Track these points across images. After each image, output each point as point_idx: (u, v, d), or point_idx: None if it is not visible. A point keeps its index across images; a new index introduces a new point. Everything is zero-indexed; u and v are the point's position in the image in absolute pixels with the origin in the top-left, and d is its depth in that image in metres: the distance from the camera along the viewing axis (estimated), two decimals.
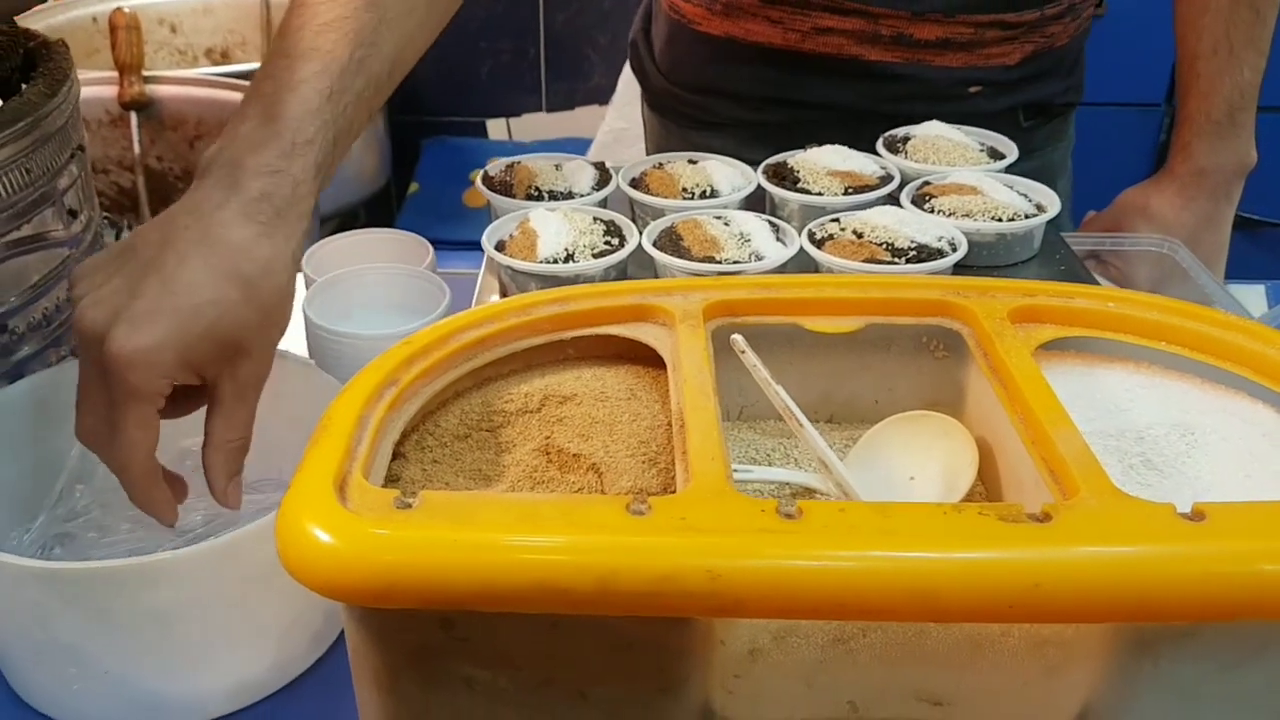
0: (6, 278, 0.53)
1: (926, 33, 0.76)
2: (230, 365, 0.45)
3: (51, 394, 0.52)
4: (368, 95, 0.51)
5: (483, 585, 0.33)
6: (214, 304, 0.44)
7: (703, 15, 0.80)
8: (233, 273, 0.44)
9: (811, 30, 0.77)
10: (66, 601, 0.43)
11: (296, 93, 0.48)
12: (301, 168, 0.47)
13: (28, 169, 0.53)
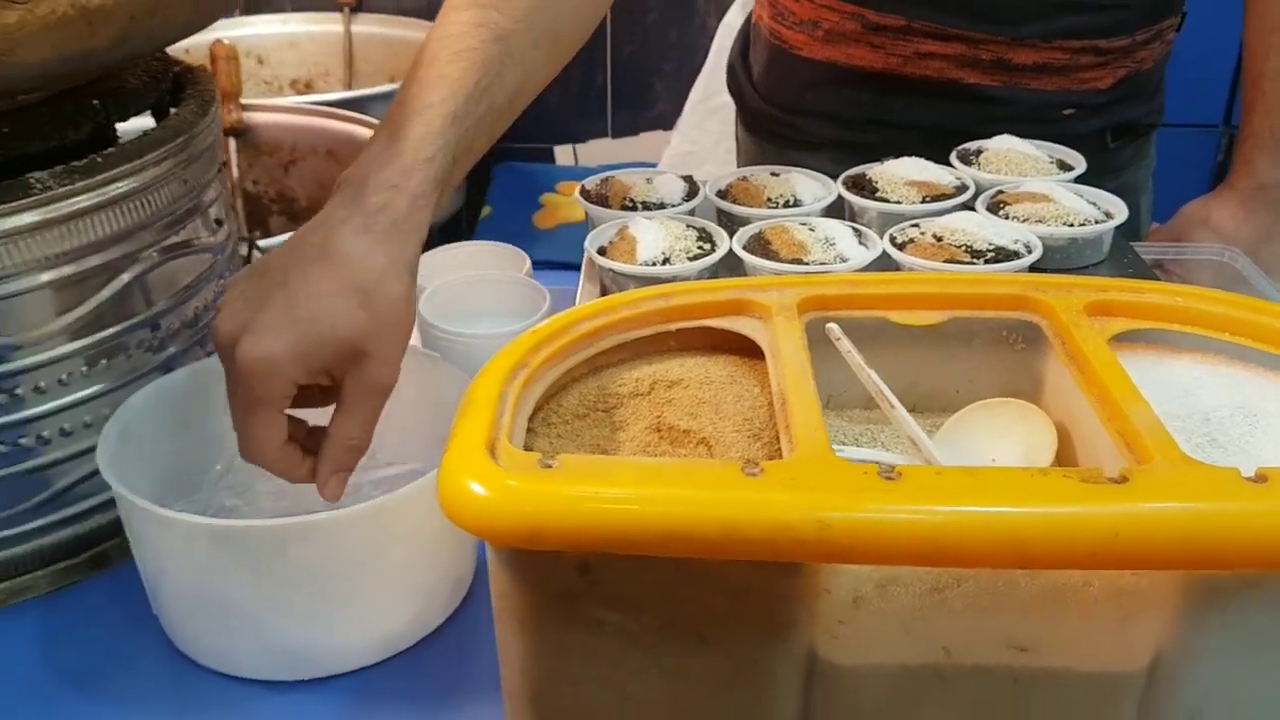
0: (160, 281, 0.59)
1: (1024, 57, 0.80)
2: (355, 368, 0.49)
3: (210, 381, 0.58)
4: (489, 121, 0.55)
5: (617, 533, 0.38)
6: (330, 313, 0.47)
7: (804, 41, 0.85)
8: (349, 282, 0.48)
9: (913, 55, 0.81)
10: (229, 558, 0.48)
11: (422, 116, 0.52)
12: (419, 183, 0.51)
13: (184, 180, 0.59)
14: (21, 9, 0.43)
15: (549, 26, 0.58)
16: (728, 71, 0.98)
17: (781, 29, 0.88)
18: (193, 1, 0.51)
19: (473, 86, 0.54)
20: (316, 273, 0.48)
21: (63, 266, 0.53)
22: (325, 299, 0.47)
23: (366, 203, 0.50)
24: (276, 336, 0.46)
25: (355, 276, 0.48)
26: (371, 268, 0.49)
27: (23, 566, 0.57)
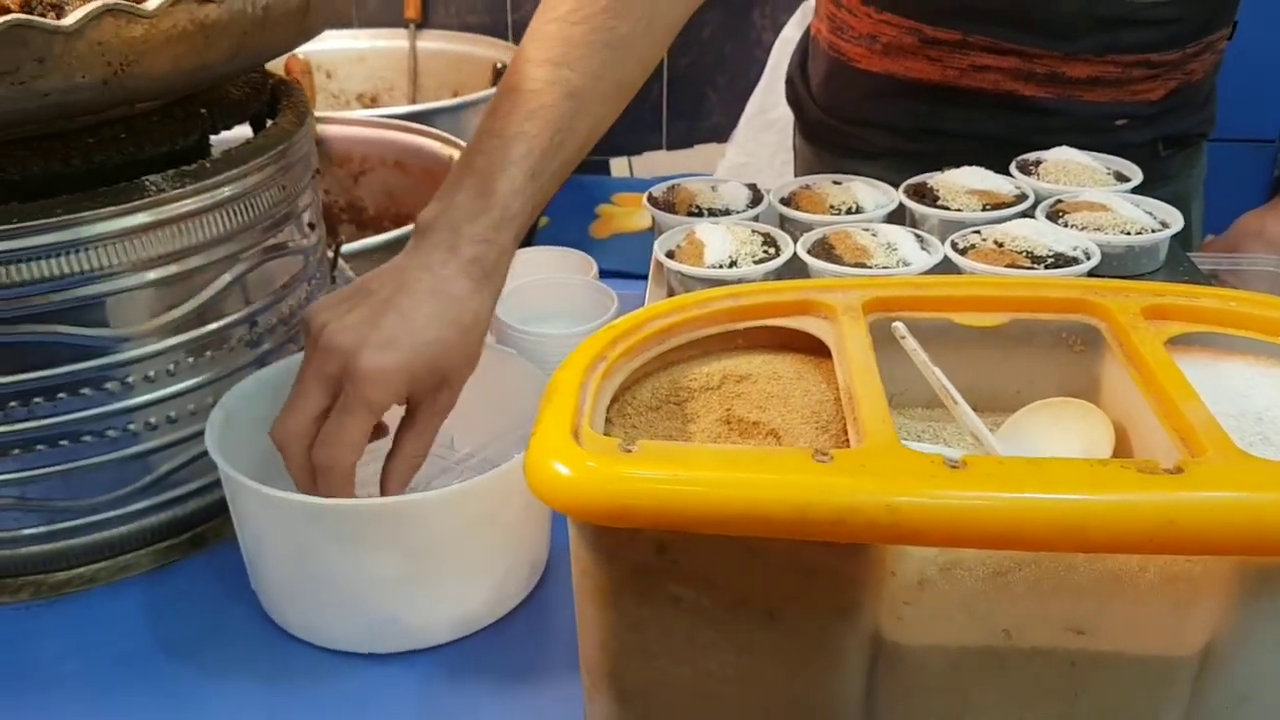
0: (258, 281, 0.62)
1: (1078, 71, 0.82)
2: (434, 393, 0.55)
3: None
4: (561, 172, 0.60)
5: (694, 513, 0.40)
6: (439, 342, 0.53)
7: (863, 54, 0.88)
8: (453, 320, 0.54)
9: (969, 68, 0.83)
10: (328, 535, 0.51)
11: (506, 173, 0.57)
12: (507, 238, 0.57)
13: (281, 186, 0.63)
14: (147, 23, 0.47)
15: (616, 80, 0.62)
16: (786, 83, 1.01)
17: (840, 42, 0.91)
18: (298, 19, 0.55)
19: (548, 143, 0.58)
20: (426, 306, 0.54)
21: (170, 265, 0.57)
22: (436, 330, 0.54)
23: (463, 252, 0.56)
24: (398, 352, 0.52)
25: (459, 316, 0.55)
26: (468, 309, 0.55)
27: (127, 545, 0.61)
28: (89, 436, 0.57)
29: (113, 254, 0.54)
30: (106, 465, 0.58)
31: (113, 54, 0.47)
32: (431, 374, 0.54)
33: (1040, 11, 0.79)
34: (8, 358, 0.54)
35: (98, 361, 0.56)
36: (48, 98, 0.47)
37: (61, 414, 0.56)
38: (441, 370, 0.54)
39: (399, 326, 0.53)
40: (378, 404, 0.52)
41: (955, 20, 0.82)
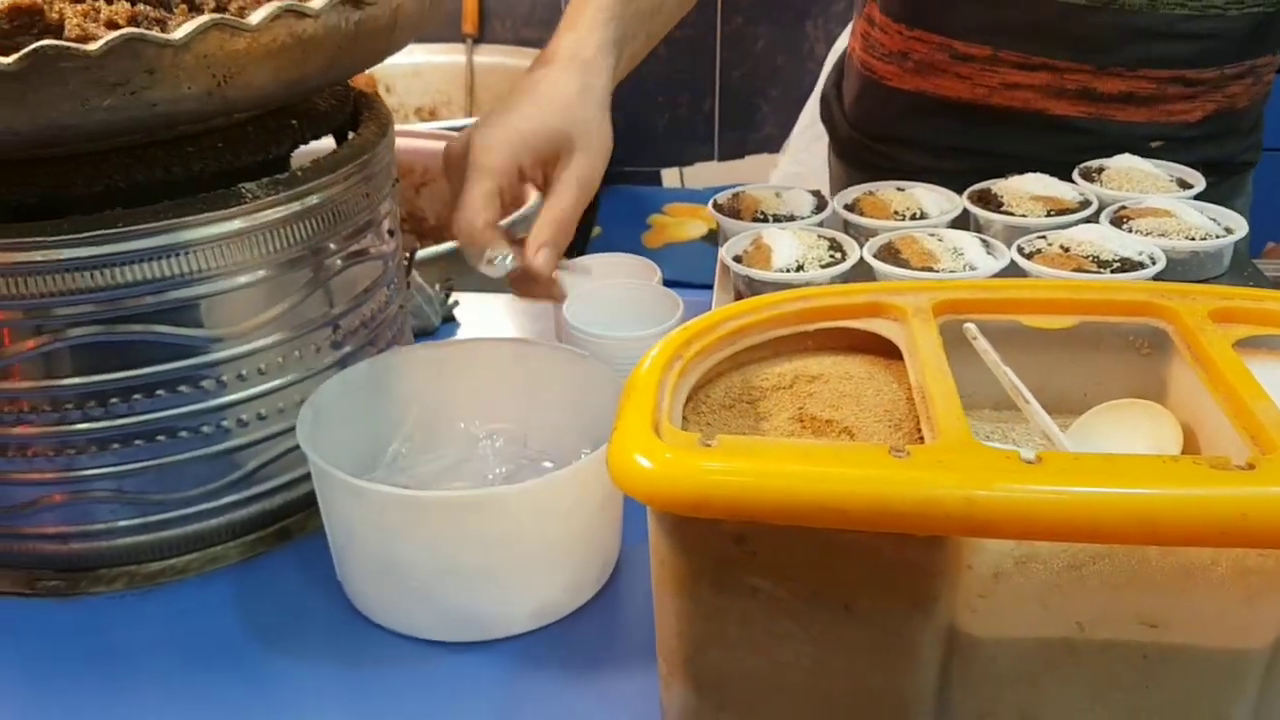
0: (342, 285, 0.65)
1: (1110, 86, 0.82)
2: (564, 158, 0.62)
3: (384, 374, 0.64)
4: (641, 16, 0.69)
5: (773, 505, 0.42)
6: (534, 116, 0.62)
7: (894, 73, 0.89)
8: (548, 98, 0.63)
9: (999, 85, 0.84)
10: (414, 526, 0.53)
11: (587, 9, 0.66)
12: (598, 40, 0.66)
13: (365, 194, 0.65)
14: (249, 37, 0.50)
15: None
16: (821, 102, 1.02)
17: (872, 60, 0.92)
18: (386, 35, 0.58)
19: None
20: (527, 96, 0.63)
21: (261, 269, 0.59)
22: (538, 105, 0.63)
23: (559, 58, 0.65)
24: (502, 125, 0.62)
25: (558, 93, 0.63)
26: (571, 87, 0.64)
27: (216, 538, 0.64)
28: (184, 432, 0.60)
29: (209, 258, 0.57)
30: (199, 460, 0.61)
31: (217, 66, 0.50)
32: (546, 137, 0.62)
33: (1072, 24, 0.80)
34: (110, 356, 0.57)
35: (194, 360, 0.59)
36: (156, 108, 0.50)
37: (159, 410, 0.59)
38: (548, 137, 0.62)
39: (502, 111, 0.62)
40: (488, 167, 0.60)
41: (986, 35, 0.83)
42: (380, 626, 0.58)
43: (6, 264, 0.54)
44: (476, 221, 0.60)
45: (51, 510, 0.60)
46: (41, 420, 0.58)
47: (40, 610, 0.61)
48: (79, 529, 0.61)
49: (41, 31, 0.49)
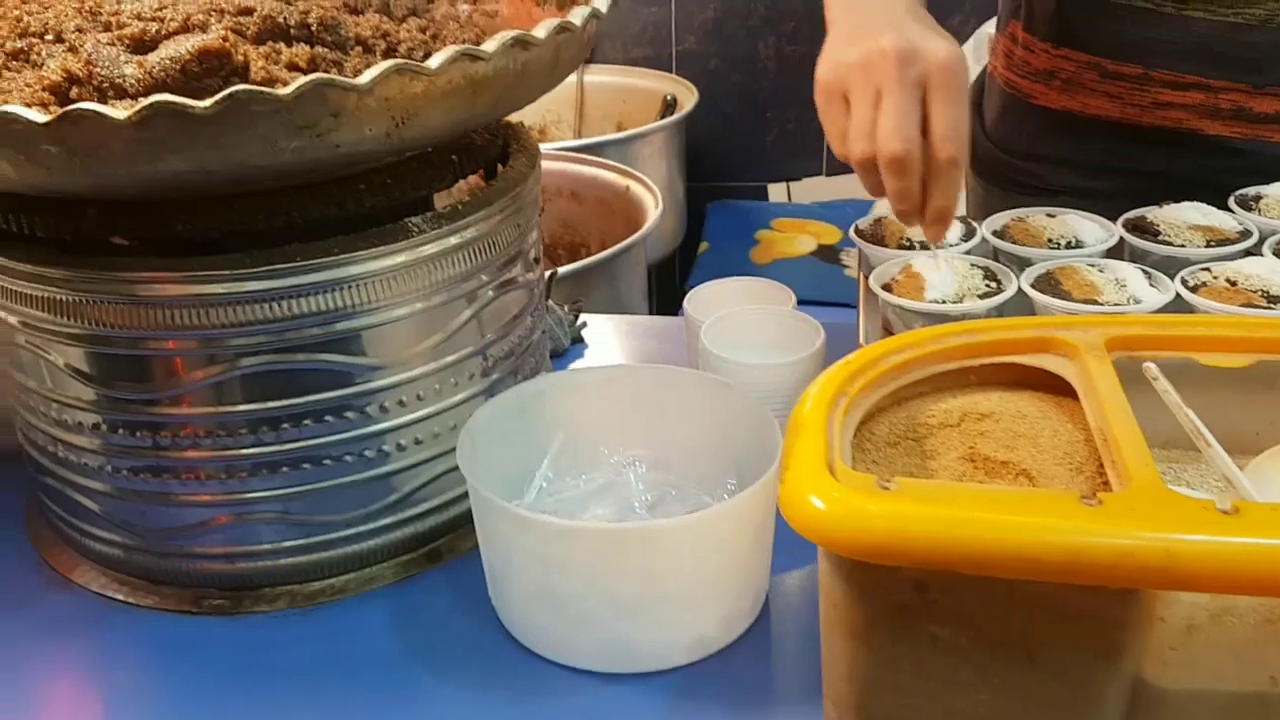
0: (493, 314, 0.66)
1: (1266, 106, 0.79)
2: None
3: (532, 400, 0.65)
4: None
5: (958, 553, 0.41)
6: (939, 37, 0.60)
7: (1040, 90, 0.87)
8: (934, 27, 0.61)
9: (1151, 105, 0.82)
10: (574, 555, 0.54)
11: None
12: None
13: (516, 225, 0.66)
14: (427, 80, 0.51)
15: None
16: None
17: (1016, 79, 0.90)
18: (549, 72, 0.59)
19: None
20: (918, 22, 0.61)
21: (421, 300, 0.61)
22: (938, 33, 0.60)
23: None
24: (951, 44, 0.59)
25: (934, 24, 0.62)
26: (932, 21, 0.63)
27: (373, 558, 0.65)
28: (349, 456, 0.62)
29: (375, 290, 0.59)
30: (360, 483, 0.63)
31: (396, 109, 0.51)
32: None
33: (1226, 43, 0.77)
34: (281, 384, 0.59)
35: (356, 388, 0.61)
36: (339, 149, 0.51)
37: (323, 436, 0.61)
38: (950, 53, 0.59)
39: (925, 33, 0.59)
40: (968, 89, 0.58)
41: (1136, 54, 0.80)
42: (534, 653, 0.59)
43: (186, 296, 0.56)
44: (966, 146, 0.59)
45: (219, 531, 0.63)
46: (211, 445, 0.60)
47: (205, 628, 0.63)
48: (244, 549, 0.63)
49: (229, 74, 0.51)
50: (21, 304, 0.59)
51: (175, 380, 0.59)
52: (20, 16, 0.55)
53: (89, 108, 0.45)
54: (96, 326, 0.57)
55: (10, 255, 0.57)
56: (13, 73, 0.54)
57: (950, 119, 0.58)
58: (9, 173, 0.48)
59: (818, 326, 0.74)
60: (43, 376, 0.62)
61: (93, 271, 0.55)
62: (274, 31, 0.54)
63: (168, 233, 0.56)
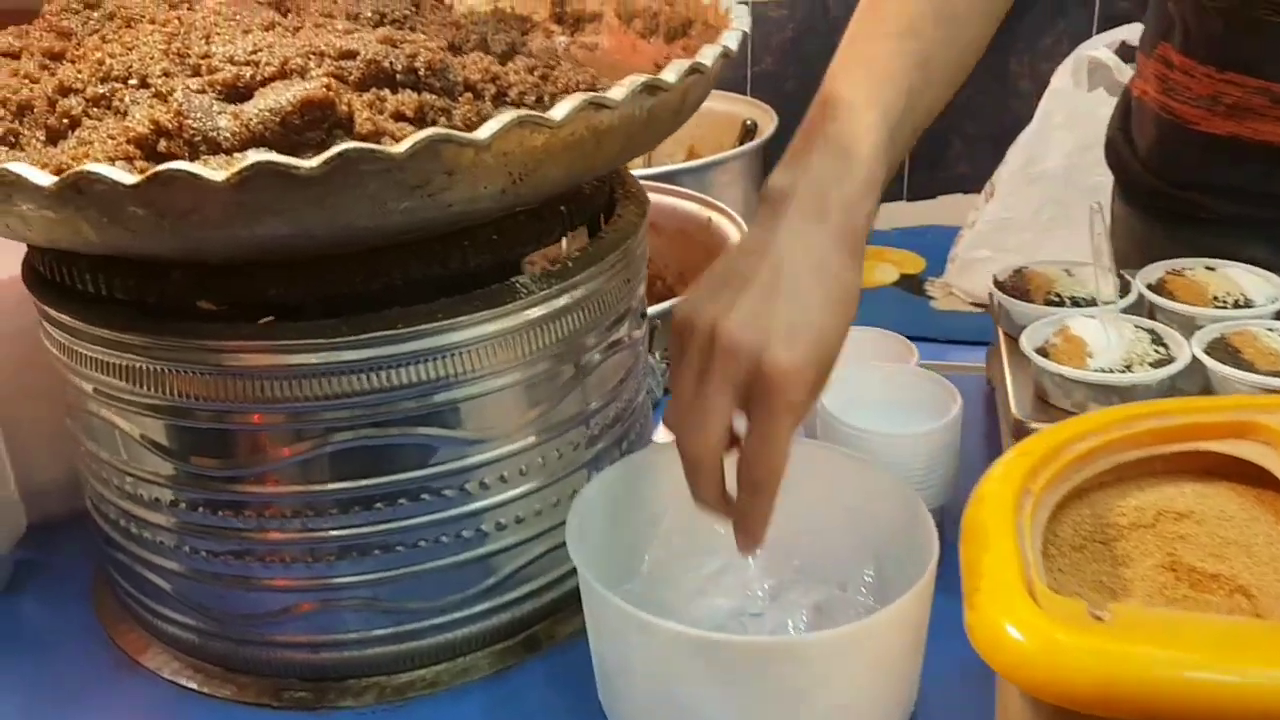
0: (599, 379, 0.60)
1: None
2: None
3: (640, 474, 0.59)
4: (905, 146, 0.56)
5: (1197, 709, 0.34)
6: (836, 329, 0.49)
7: (1202, 116, 0.80)
8: (841, 299, 0.49)
9: None
10: (705, 668, 0.48)
11: (868, 137, 0.52)
12: (871, 205, 0.53)
13: (625, 280, 0.61)
14: (549, 132, 0.46)
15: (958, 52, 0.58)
16: (1107, 146, 0.94)
17: (1173, 103, 0.83)
18: (674, 116, 0.53)
19: (903, 108, 0.54)
20: (818, 288, 0.49)
21: (527, 368, 0.55)
22: (831, 313, 0.49)
23: (833, 220, 0.51)
24: (808, 344, 0.47)
25: (844, 295, 0.50)
26: (849, 286, 0.50)
27: (467, 647, 0.59)
28: (444, 537, 0.56)
29: (480, 357, 0.53)
30: (456, 566, 0.57)
31: (515, 164, 0.46)
32: (830, 365, 0.49)
33: None
34: (373, 460, 0.54)
35: (457, 463, 0.55)
36: (450, 208, 0.46)
37: (420, 515, 0.55)
38: (834, 359, 0.49)
39: (797, 314, 0.48)
40: (801, 406, 0.47)
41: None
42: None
43: (277, 367, 0.51)
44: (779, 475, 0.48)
45: (302, 618, 0.57)
46: (297, 526, 0.55)
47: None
48: (329, 638, 0.58)
49: (331, 126, 0.46)
50: (96, 370, 0.54)
51: (260, 456, 0.53)
52: (102, 59, 0.50)
53: (183, 169, 0.39)
54: (178, 397, 0.52)
55: (86, 318, 0.52)
56: (94, 120, 0.49)
57: (768, 441, 0.47)
58: (89, 234, 0.43)
59: (952, 390, 0.67)
60: (116, 447, 0.57)
61: (176, 339, 0.50)
62: (378, 77, 0.48)
63: (259, 298, 0.50)
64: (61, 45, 0.57)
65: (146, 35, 0.52)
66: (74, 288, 0.54)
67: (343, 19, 0.59)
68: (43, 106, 0.50)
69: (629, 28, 0.74)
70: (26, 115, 0.51)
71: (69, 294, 0.54)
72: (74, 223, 0.43)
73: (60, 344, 0.56)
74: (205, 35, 0.52)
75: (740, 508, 0.50)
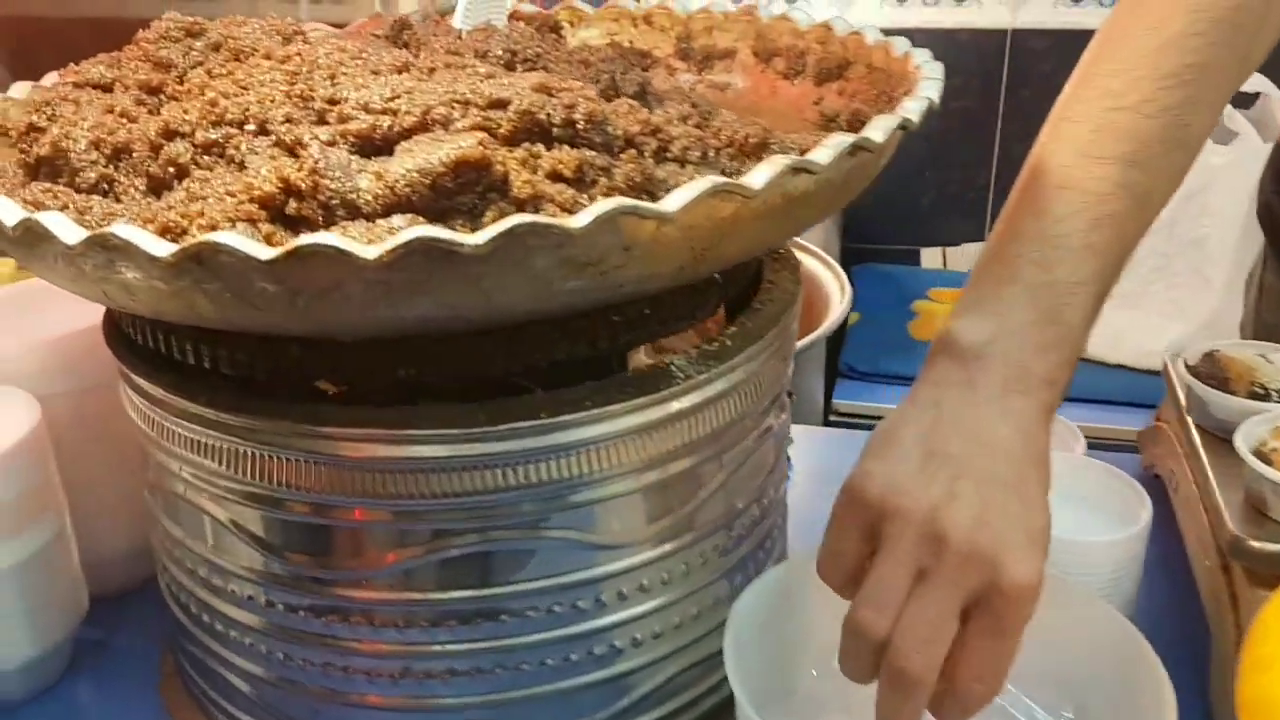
0: (748, 472, 0.53)
1: None
2: None
3: (795, 583, 0.52)
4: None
5: None
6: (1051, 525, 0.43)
7: None
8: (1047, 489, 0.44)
9: None
10: None
11: (1077, 298, 0.45)
12: (1069, 378, 0.46)
13: (783, 356, 0.54)
14: (739, 201, 0.39)
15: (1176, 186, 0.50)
16: (1260, 211, 0.85)
17: None
18: (867, 177, 0.46)
19: (1118, 260, 0.47)
20: (1040, 482, 0.43)
21: (671, 461, 0.48)
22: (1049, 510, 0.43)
23: (1040, 398, 0.44)
24: (1043, 553, 0.42)
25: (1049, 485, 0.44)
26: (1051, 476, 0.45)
27: None
28: (573, 655, 0.49)
29: (625, 451, 0.46)
30: (586, 687, 0.50)
31: (699, 238, 0.39)
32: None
33: None
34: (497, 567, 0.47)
35: (589, 572, 0.48)
36: (621, 288, 0.39)
37: (545, 630, 0.48)
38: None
39: (1032, 517, 0.42)
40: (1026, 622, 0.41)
41: None
42: None
43: (400, 459, 0.44)
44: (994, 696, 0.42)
45: None
46: (400, 639, 0.48)
47: None
48: None
49: (486, 189, 0.39)
50: (189, 449, 0.47)
51: (366, 558, 0.46)
52: (215, 100, 0.43)
53: (329, 243, 0.33)
54: (282, 486, 0.45)
55: (185, 393, 0.46)
56: (203, 169, 0.42)
57: (994, 658, 0.41)
58: (205, 310, 0.37)
59: (1139, 491, 0.59)
60: (202, 533, 0.50)
61: (288, 422, 0.43)
62: (531, 130, 0.41)
63: (386, 378, 0.44)
64: (159, 78, 0.51)
65: (264, 73, 0.45)
66: (169, 356, 0.47)
67: (470, 56, 0.53)
68: (143, 151, 0.44)
69: (768, 67, 0.66)
70: (123, 159, 0.44)
71: (162, 362, 0.47)
72: (189, 296, 0.36)
73: (146, 415, 0.49)
74: (330, 75, 0.45)
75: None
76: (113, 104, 0.48)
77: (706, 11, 0.69)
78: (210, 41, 0.52)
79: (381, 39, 0.57)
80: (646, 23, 0.72)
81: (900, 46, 0.55)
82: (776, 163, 0.38)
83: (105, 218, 0.41)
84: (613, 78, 0.56)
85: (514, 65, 0.54)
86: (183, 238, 0.38)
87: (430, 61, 0.48)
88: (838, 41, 0.62)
